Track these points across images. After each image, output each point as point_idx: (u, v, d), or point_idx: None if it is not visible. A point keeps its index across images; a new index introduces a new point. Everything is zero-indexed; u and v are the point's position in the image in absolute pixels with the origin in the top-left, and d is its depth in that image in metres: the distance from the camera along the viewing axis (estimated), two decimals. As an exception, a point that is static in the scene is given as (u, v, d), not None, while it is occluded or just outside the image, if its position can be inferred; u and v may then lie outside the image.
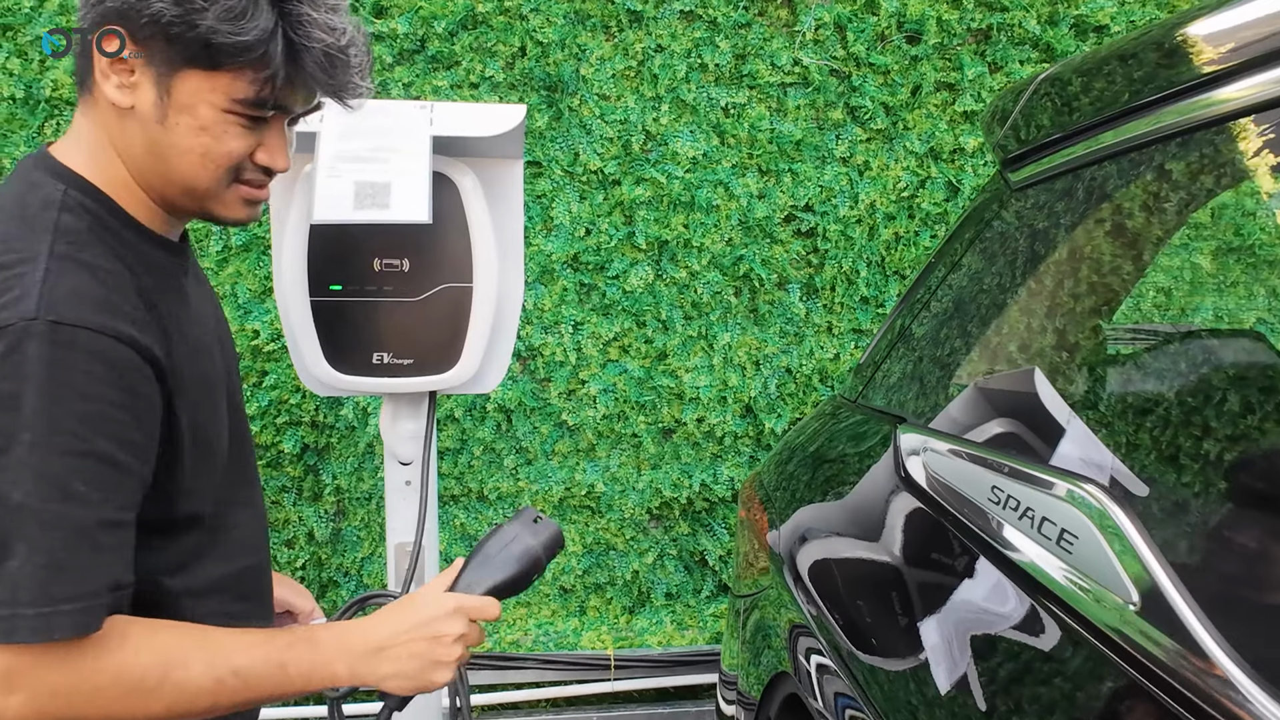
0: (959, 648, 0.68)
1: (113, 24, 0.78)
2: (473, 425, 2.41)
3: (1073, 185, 0.81)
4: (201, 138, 0.82)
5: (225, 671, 0.79)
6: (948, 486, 0.77)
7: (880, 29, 2.37)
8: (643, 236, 2.38)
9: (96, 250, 0.79)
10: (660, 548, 2.57)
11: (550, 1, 2.25)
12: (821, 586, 0.95)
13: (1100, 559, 0.57)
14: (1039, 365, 0.83)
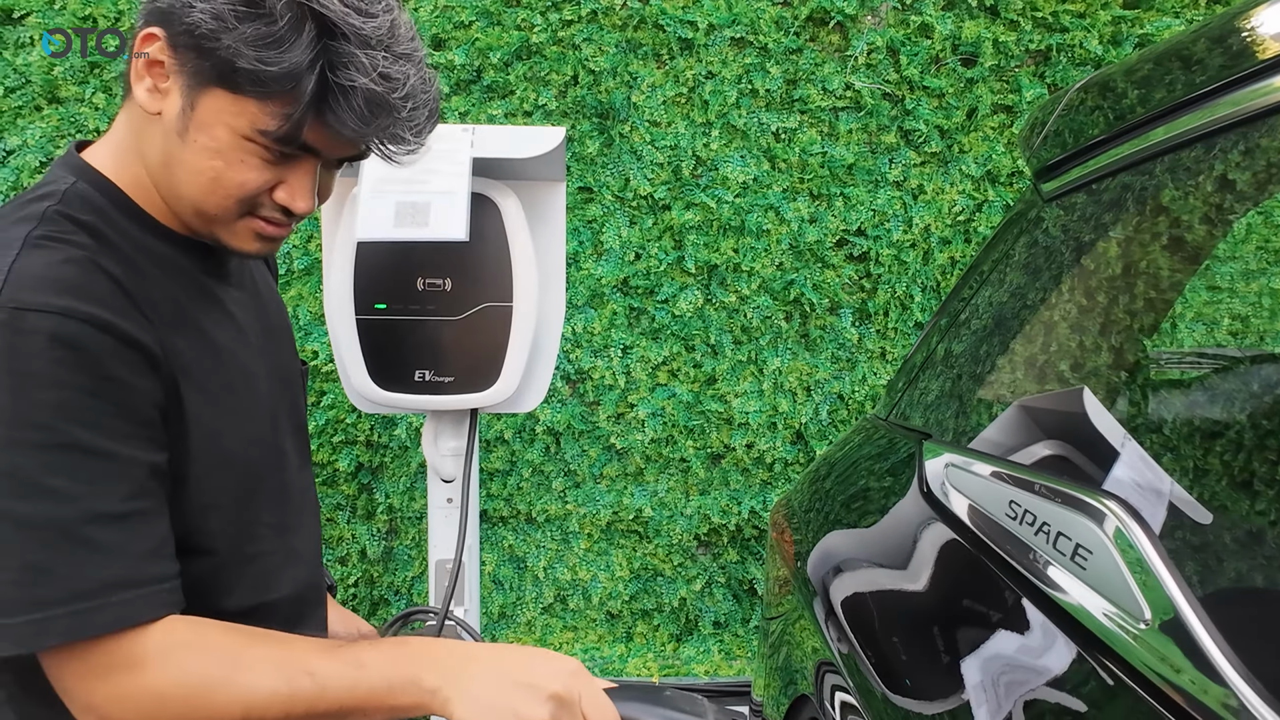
0: (966, 659, 0.66)
1: (154, 25, 0.74)
2: (522, 447, 2.43)
3: (1109, 189, 0.78)
4: (214, 161, 0.75)
5: (299, 670, 0.71)
6: (969, 503, 0.74)
7: (934, 52, 2.34)
8: (692, 261, 2.38)
9: (79, 238, 0.74)
10: (709, 575, 2.54)
11: (603, 31, 2.30)
12: (843, 606, 0.93)
13: (1119, 577, 0.54)
14: (1052, 377, 0.80)
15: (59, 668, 0.68)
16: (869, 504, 0.99)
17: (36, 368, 0.66)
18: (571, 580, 2.51)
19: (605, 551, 2.51)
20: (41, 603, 0.65)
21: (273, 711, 0.70)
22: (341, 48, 0.72)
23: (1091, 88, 0.83)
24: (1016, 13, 2.33)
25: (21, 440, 0.66)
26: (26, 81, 2.27)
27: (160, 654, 0.69)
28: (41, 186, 0.78)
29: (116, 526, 0.69)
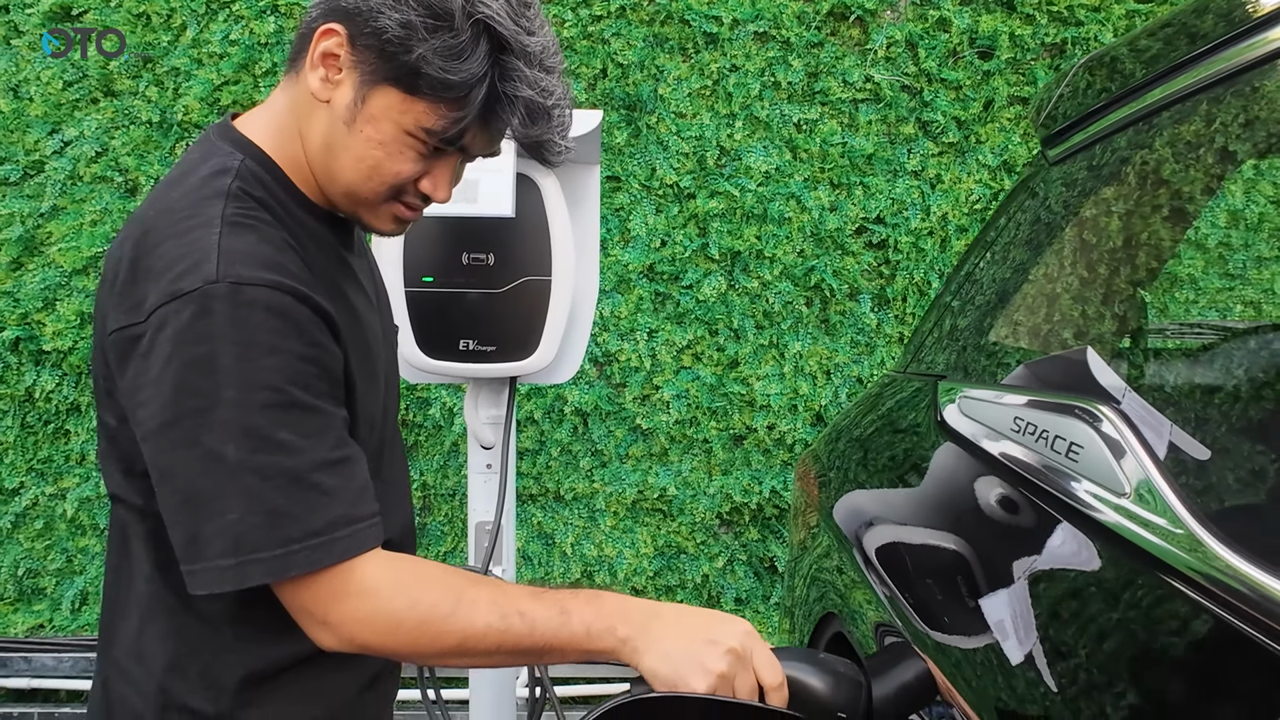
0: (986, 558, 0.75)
1: (336, 21, 0.80)
2: (551, 427, 2.53)
3: (1109, 149, 0.86)
4: (376, 150, 0.82)
5: (511, 609, 0.78)
6: (978, 424, 0.83)
7: (952, 45, 2.41)
8: (716, 248, 2.47)
9: (263, 215, 0.81)
10: (730, 553, 2.62)
11: (631, 26, 2.39)
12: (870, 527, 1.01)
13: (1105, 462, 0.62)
14: (1052, 321, 0.87)
15: (298, 594, 0.77)
16: (893, 440, 1.08)
17: (259, 337, 0.75)
18: (598, 556, 2.59)
19: (630, 529, 2.60)
20: (285, 540, 0.74)
21: (486, 643, 0.77)
22: (510, 62, 0.80)
23: (1094, 62, 0.91)
24: (1033, 6, 2.40)
25: (254, 401, 0.74)
26: (84, 75, 2.39)
27: (393, 583, 0.77)
28: (212, 158, 0.84)
29: (334, 472, 0.77)
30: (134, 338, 0.77)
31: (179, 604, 0.84)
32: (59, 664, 2.43)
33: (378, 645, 0.78)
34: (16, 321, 2.43)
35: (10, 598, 2.56)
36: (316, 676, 0.88)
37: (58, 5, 2.36)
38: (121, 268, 0.80)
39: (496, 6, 0.79)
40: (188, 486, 0.75)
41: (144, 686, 0.85)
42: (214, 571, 0.75)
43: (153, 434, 0.76)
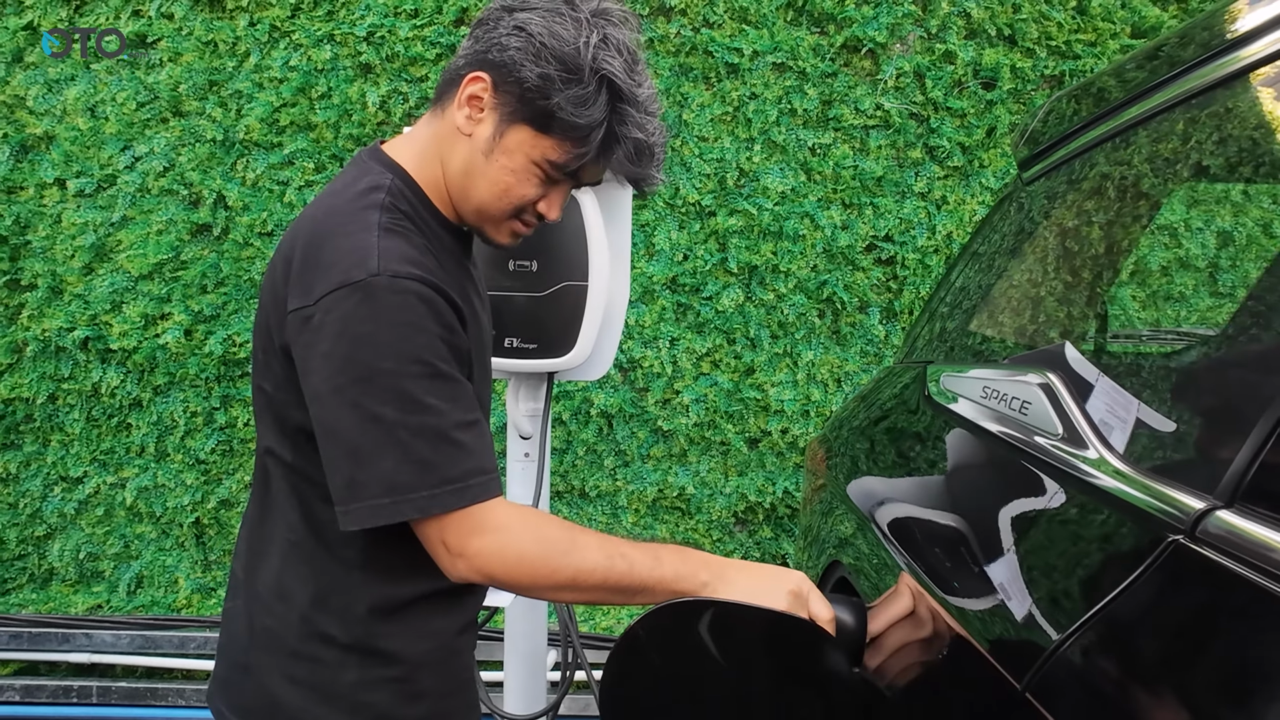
0: (960, 494, 0.91)
1: (482, 70, 0.97)
2: (578, 428, 2.70)
3: (1075, 168, 1.03)
4: (509, 177, 0.98)
5: (615, 552, 0.93)
6: (956, 395, 0.99)
7: (957, 76, 2.59)
8: (734, 262, 2.64)
9: (408, 225, 0.97)
10: (745, 550, 2.77)
11: (658, 56, 2.58)
12: (879, 507, 1.18)
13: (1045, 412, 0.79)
14: (1016, 310, 1.04)
15: (441, 530, 0.92)
16: (890, 416, 1.24)
17: (410, 319, 0.90)
18: (619, 551, 2.75)
19: (651, 526, 2.75)
20: (431, 484, 0.89)
21: (594, 579, 0.93)
22: (624, 109, 0.96)
23: (1061, 98, 1.08)
24: (1032, 41, 2.58)
25: (406, 372, 0.89)
26: (155, 97, 2.60)
27: (521, 523, 0.93)
28: (367, 176, 1.01)
29: (469, 431, 0.92)
30: (306, 317, 0.92)
31: (318, 548, 1.00)
32: (117, 640, 2.61)
33: (504, 575, 0.93)
34: (86, 322, 2.63)
35: (71, 579, 2.74)
36: (428, 615, 1.04)
37: (133, 34, 2.58)
38: (295, 259, 0.96)
39: (618, 64, 0.96)
40: (351, 440, 0.90)
41: (287, 617, 1.01)
42: (368, 509, 0.90)
43: (321, 396, 0.91)
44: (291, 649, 1.01)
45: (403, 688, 1.03)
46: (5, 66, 2.59)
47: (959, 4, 2.56)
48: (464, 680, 1.12)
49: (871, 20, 2.57)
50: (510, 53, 0.95)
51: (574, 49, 0.94)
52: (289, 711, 1.01)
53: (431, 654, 1.05)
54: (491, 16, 0.99)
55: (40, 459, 2.69)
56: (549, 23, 0.95)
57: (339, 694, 1.00)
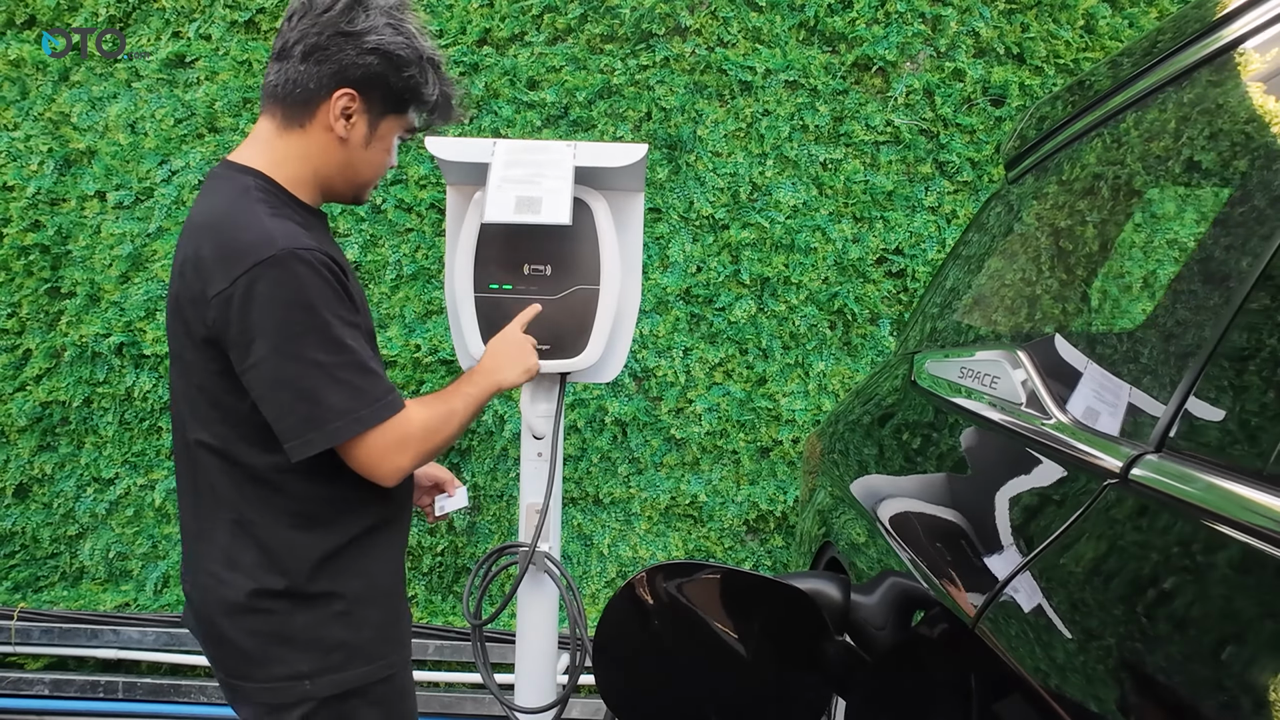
0: (934, 463, 0.96)
1: (349, 87, 1.23)
2: (592, 435, 2.75)
3: (1053, 164, 1.08)
4: (385, 155, 1.31)
5: (460, 395, 1.33)
6: (938, 377, 1.04)
7: (966, 94, 2.65)
8: (747, 274, 2.70)
9: (286, 211, 1.20)
10: (756, 558, 2.80)
11: (674, 74, 2.66)
12: (881, 502, 1.22)
13: (1011, 384, 0.84)
14: (995, 299, 1.09)
15: (375, 442, 1.18)
16: (882, 404, 1.29)
17: (319, 281, 1.14)
18: (632, 558, 2.79)
19: (663, 533, 2.80)
20: (369, 402, 1.17)
21: (459, 427, 1.31)
22: (441, 74, 1.32)
23: (1043, 104, 1.13)
24: (1041, 59, 2.63)
25: (329, 322, 1.14)
26: (192, 114, 2.72)
27: (425, 419, 1.25)
28: (232, 183, 1.22)
29: (376, 362, 1.21)
30: (227, 298, 1.12)
31: (255, 519, 1.21)
32: (143, 637, 2.68)
33: (431, 448, 1.24)
34: (122, 329, 2.74)
35: (101, 578, 2.83)
36: (359, 556, 1.27)
37: (172, 54, 2.71)
38: (203, 257, 1.14)
39: (430, 45, 1.29)
40: (299, 385, 1.13)
41: (238, 582, 1.21)
42: (329, 432, 1.14)
43: (263, 358, 1.12)
44: (247, 607, 1.20)
45: (348, 619, 1.24)
46: (52, 85, 2.72)
47: (968, 23, 2.62)
48: (401, 609, 1.36)
49: (882, 39, 2.63)
50: (373, 70, 1.22)
51: (412, 50, 1.24)
52: (256, 659, 1.21)
53: (369, 588, 1.28)
54: (330, 44, 1.21)
55: (74, 460, 2.79)
56: (389, 39, 1.22)
57: (293, 635, 1.21)
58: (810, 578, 0.98)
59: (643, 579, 0.93)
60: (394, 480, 1.21)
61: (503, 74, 2.67)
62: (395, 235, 2.73)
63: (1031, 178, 1.13)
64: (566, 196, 1.64)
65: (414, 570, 2.82)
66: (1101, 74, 1.08)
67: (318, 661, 1.22)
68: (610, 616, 0.95)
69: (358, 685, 1.26)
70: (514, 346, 1.49)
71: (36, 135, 2.72)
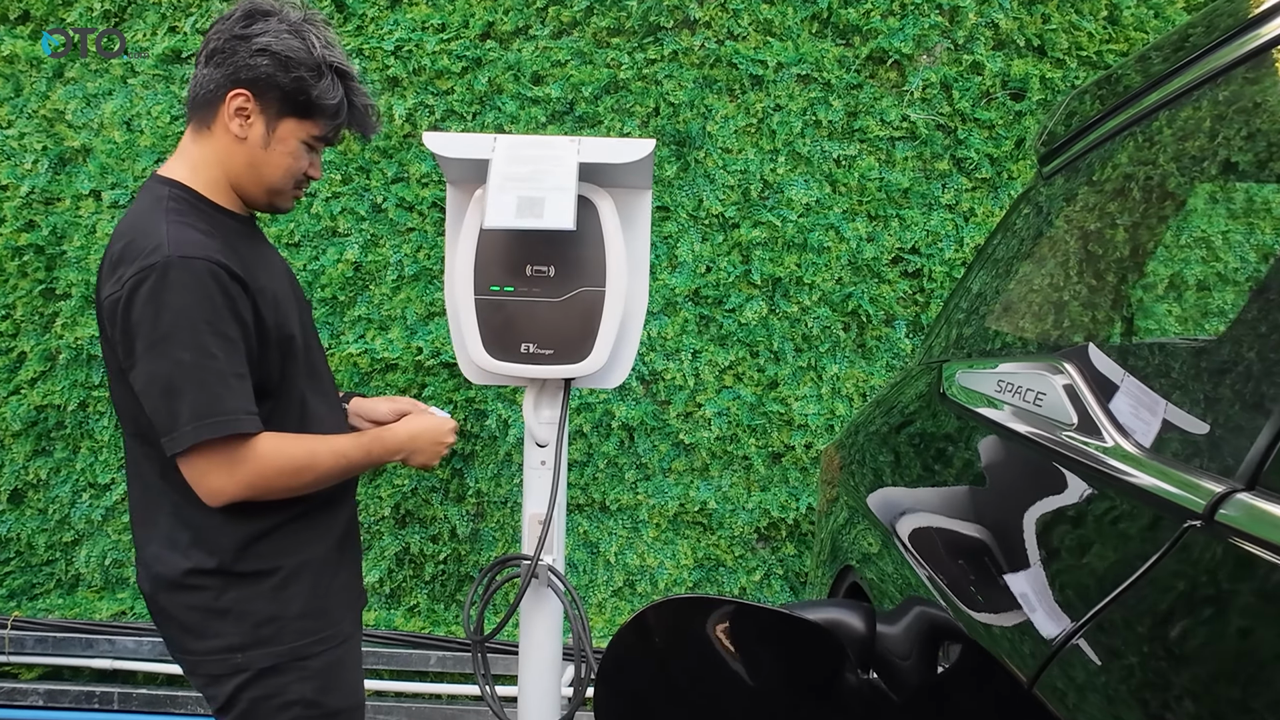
0: (973, 489, 0.88)
1: (242, 88, 1.29)
2: (599, 440, 2.68)
3: (1095, 159, 1.00)
4: (288, 159, 1.35)
5: (340, 454, 1.36)
6: (971, 390, 0.96)
7: (985, 87, 2.56)
8: (758, 274, 2.62)
9: (193, 218, 1.26)
10: (767, 567, 2.72)
11: (682, 68, 2.58)
12: (901, 517, 1.14)
13: (1060, 402, 0.76)
14: (1035, 306, 1.00)
15: (209, 459, 1.22)
16: (906, 417, 1.21)
17: (198, 290, 1.19)
18: (640, 566, 2.72)
19: (671, 541, 2.72)
20: (218, 411, 1.21)
21: (326, 479, 1.35)
22: (350, 84, 1.38)
23: (1082, 91, 1.05)
24: (1063, 52, 2.54)
25: (199, 329, 1.19)
26: (188, 111, 2.65)
27: (276, 449, 1.27)
28: (151, 194, 1.29)
29: (242, 381, 1.24)
30: (115, 300, 1.19)
31: (185, 502, 1.29)
32: (139, 647, 2.62)
33: (265, 486, 1.27)
34: (117, 330, 2.67)
35: (97, 585, 2.77)
36: (294, 534, 1.35)
37: (169, 49, 2.64)
38: (109, 263, 1.23)
39: (338, 55, 1.35)
40: (165, 382, 1.19)
41: (174, 562, 1.30)
42: (184, 434, 1.19)
43: (143, 356, 1.19)
44: (182, 584, 1.30)
45: (278, 595, 1.33)
46: (46, 82, 2.66)
47: (987, 15, 2.54)
48: (337, 584, 1.42)
49: (897, 32, 2.55)
50: (261, 70, 1.27)
51: (308, 54, 1.30)
52: (196, 631, 1.31)
53: (301, 565, 1.36)
54: (227, 47, 1.28)
55: (70, 465, 2.73)
56: (281, 41, 1.28)
57: (225, 609, 1.30)
58: (831, 607, 0.91)
59: (652, 612, 0.86)
60: (214, 501, 1.25)
61: (506, 69, 2.60)
62: (396, 235, 2.66)
63: (1062, 178, 1.06)
64: (570, 198, 1.56)
65: (416, 578, 2.75)
66: (1131, 70, 1.00)
67: (248, 635, 1.31)
68: (616, 649, 0.88)
69: (290, 658, 1.34)
70: (436, 445, 1.59)
71: (31, 133, 2.66)
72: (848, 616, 0.88)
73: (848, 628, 0.88)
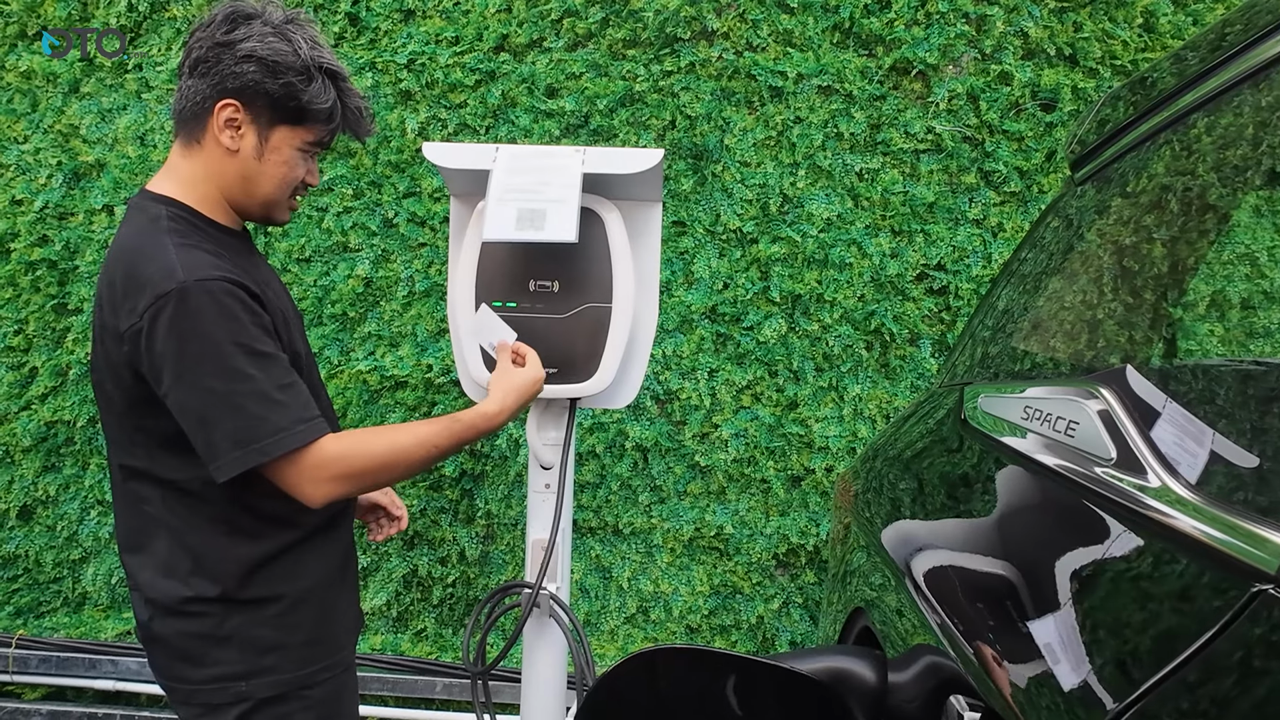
0: (997, 533, 0.79)
1: (229, 98, 1.22)
2: (611, 461, 2.60)
3: (1129, 164, 0.91)
4: (283, 168, 1.29)
5: (425, 438, 1.30)
6: (995, 417, 0.86)
7: (1014, 98, 2.47)
8: (777, 291, 2.53)
9: (196, 238, 1.21)
10: (786, 595, 2.62)
11: (699, 80, 2.52)
12: (916, 555, 1.05)
13: (1096, 434, 0.66)
14: (1067, 324, 0.91)
15: (286, 470, 1.19)
16: (926, 445, 1.11)
17: (222, 310, 1.15)
18: (654, 592, 2.63)
19: (687, 566, 2.63)
20: (268, 433, 1.16)
21: (414, 470, 1.31)
22: (343, 85, 1.31)
23: (1116, 93, 0.96)
24: (1096, 61, 2.44)
25: (228, 352, 1.15)
26: (201, 125, 2.63)
27: (345, 449, 1.22)
28: (145, 213, 1.23)
29: (288, 392, 1.19)
30: (137, 331, 1.14)
31: (189, 529, 1.25)
32: (142, 668, 2.57)
33: (350, 488, 1.23)
34: (128, 346, 2.65)
35: (103, 604, 2.73)
36: (298, 560, 1.31)
37: (183, 63, 2.63)
38: (116, 290, 1.17)
39: (327, 55, 1.28)
40: (200, 413, 1.15)
41: (174, 589, 1.25)
42: (229, 462, 1.15)
43: (172, 388, 1.15)
44: (182, 611, 1.25)
45: (282, 622, 1.28)
46: (62, 97, 2.66)
47: (1015, 23, 2.45)
48: (337, 612, 1.38)
49: (922, 41, 2.46)
50: (248, 77, 1.21)
51: (296, 57, 1.23)
52: (194, 659, 1.25)
53: (304, 592, 1.31)
54: (210, 56, 1.21)
55: (79, 482, 2.71)
56: (266, 45, 1.21)
57: (228, 637, 1.25)
58: (839, 655, 0.82)
59: (639, 663, 0.78)
60: (319, 504, 1.23)
61: (520, 81, 2.55)
62: (408, 250, 2.61)
63: (1093, 188, 0.97)
64: (573, 209, 1.50)
65: (424, 602, 2.68)
66: (1165, 71, 0.91)
67: (252, 663, 1.26)
68: (598, 696, 0.80)
69: (294, 687, 1.30)
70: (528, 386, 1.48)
71: (46, 148, 2.66)
72: (857, 666, 0.80)
73: (857, 679, 0.79)
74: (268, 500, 1.25)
